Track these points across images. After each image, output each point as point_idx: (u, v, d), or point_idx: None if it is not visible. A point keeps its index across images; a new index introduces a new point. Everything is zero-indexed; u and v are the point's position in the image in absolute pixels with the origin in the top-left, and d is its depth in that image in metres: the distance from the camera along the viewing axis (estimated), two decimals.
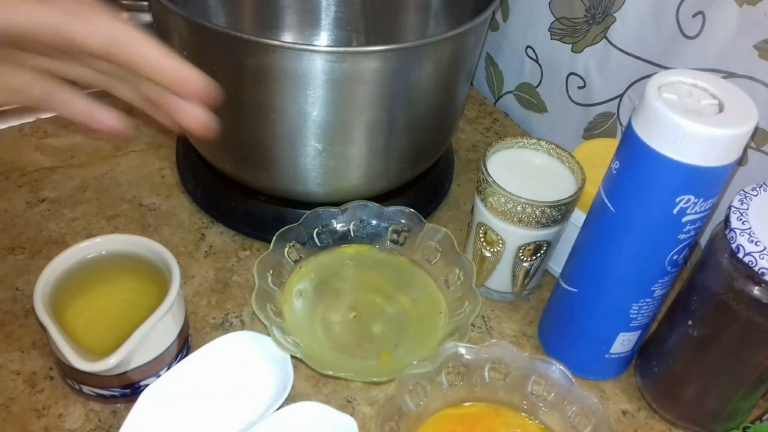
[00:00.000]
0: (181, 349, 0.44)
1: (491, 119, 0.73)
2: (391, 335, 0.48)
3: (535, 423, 0.43)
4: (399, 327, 0.48)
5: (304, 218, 0.50)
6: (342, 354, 0.46)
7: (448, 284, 0.50)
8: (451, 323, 0.47)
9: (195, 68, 0.35)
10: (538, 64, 0.68)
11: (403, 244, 0.52)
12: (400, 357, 0.46)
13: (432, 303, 0.50)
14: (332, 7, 0.68)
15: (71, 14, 0.33)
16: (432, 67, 0.48)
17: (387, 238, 0.53)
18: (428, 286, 0.51)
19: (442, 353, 0.43)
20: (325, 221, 0.52)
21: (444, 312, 0.49)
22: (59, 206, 0.56)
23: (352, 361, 0.46)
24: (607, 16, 0.58)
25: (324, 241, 0.52)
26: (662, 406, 0.46)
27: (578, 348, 0.47)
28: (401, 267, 0.52)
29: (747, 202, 0.39)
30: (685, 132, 0.34)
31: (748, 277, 0.37)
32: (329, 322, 0.48)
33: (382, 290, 0.51)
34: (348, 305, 0.49)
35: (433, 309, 0.49)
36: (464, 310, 0.47)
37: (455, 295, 0.49)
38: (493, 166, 0.48)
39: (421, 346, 0.46)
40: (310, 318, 0.48)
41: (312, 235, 0.51)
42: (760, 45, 0.47)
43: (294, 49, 0.44)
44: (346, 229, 0.52)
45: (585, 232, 0.44)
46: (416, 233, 0.52)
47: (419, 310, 0.49)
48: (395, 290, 0.51)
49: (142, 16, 0.80)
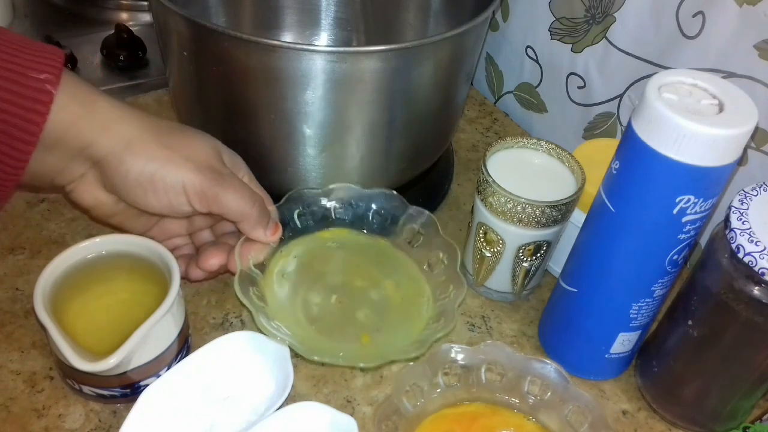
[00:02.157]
0: (181, 349, 0.44)
1: (491, 119, 0.73)
2: (374, 319, 0.47)
3: (532, 422, 0.43)
4: (382, 311, 0.48)
5: (284, 199, 0.50)
6: (324, 337, 0.46)
7: (432, 268, 0.49)
8: (436, 308, 0.47)
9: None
10: (538, 64, 0.68)
11: (386, 227, 0.52)
12: (382, 340, 0.46)
13: (415, 287, 0.49)
14: (332, 7, 0.68)
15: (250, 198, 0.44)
16: (432, 67, 0.48)
17: (369, 220, 0.52)
18: (411, 269, 0.50)
19: (438, 354, 0.43)
20: (307, 202, 0.51)
21: (427, 296, 0.48)
22: (59, 206, 0.56)
23: (335, 344, 0.45)
24: (607, 16, 0.58)
25: (305, 223, 0.51)
26: (662, 406, 0.46)
27: (578, 348, 0.47)
28: (383, 250, 0.51)
29: (747, 202, 0.39)
30: (685, 132, 0.34)
31: (748, 277, 0.37)
32: (310, 305, 0.47)
33: (364, 273, 0.50)
34: (330, 288, 0.49)
35: (416, 293, 0.49)
36: (449, 295, 0.46)
37: (439, 279, 0.48)
38: (493, 166, 0.48)
39: (403, 330, 0.46)
40: (291, 301, 0.47)
41: (293, 216, 0.50)
42: (760, 45, 0.47)
43: (294, 49, 0.44)
44: (327, 211, 0.51)
45: (585, 232, 0.44)
46: (399, 216, 0.51)
47: (402, 294, 0.49)
48: (378, 274, 0.50)
49: (142, 16, 0.80)
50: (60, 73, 0.37)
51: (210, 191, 0.42)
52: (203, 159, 0.43)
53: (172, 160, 0.41)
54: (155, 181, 0.41)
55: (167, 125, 0.43)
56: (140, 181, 0.41)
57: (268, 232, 0.46)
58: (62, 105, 0.37)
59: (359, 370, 0.47)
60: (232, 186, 0.43)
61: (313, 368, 0.47)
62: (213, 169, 0.43)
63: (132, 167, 0.40)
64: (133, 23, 0.76)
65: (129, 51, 0.72)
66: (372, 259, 0.51)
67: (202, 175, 0.42)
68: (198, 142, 0.44)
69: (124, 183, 0.41)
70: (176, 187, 0.41)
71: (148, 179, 0.41)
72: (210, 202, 0.42)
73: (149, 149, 0.41)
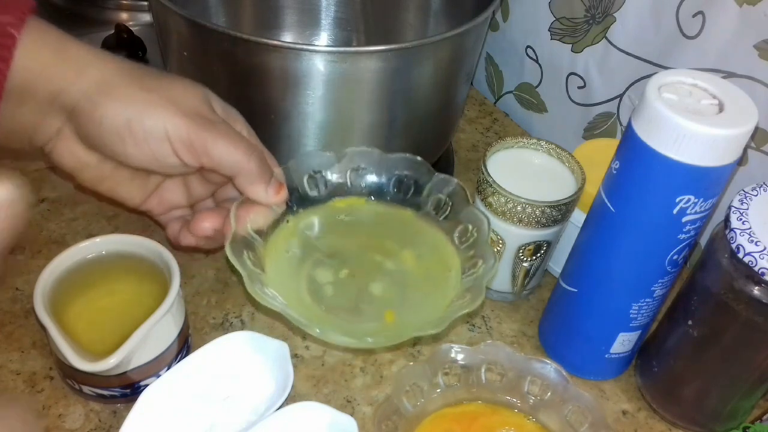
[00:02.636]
0: (181, 349, 0.44)
1: (491, 119, 0.73)
2: (394, 296, 0.42)
3: (532, 422, 0.43)
4: (402, 286, 0.42)
5: (293, 160, 0.44)
6: (335, 318, 0.40)
7: (460, 241, 0.44)
8: (464, 284, 0.41)
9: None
10: (538, 64, 0.68)
11: (408, 197, 0.46)
12: (406, 318, 0.40)
13: (441, 259, 0.43)
14: (332, 7, 0.68)
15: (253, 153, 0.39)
16: (432, 67, 0.48)
17: (390, 189, 0.46)
18: (437, 240, 0.44)
19: (438, 354, 0.43)
20: (318, 166, 0.45)
21: (455, 269, 0.42)
22: (59, 206, 0.56)
23: (347, 325, 0.40)
24: (607, 16, 0.58)
25: (315, 190, 0.45)
26: (662, 406, 0.46)
27: (578, 348, 0.47)
28: (404, 220, 0.45)
29: (747, 202, 0.39)
30: (685, 132, 0.34)
31: (748, 277, 0.37)
32: (319, 284, 0.42)
33: (381, 246, 0.44)
34: (341, 265, 0.43)
35: (442, 266, 0.43)
36: (478, 270, 0.41)
37: (467, 253, 0.43)
38: (493, 166, 0.48)
39: (428, 306, 0.41)
40: (295, 279, 0.42)
41: (302, 181, 0.44)
42: (760, 45, 0.47)
43: (294, 49, 0.44)
44: (341, 179, 0.45)
45: (585, 232, 0.44)
46: (423, 184, 0.46)
47: (426, 266, 0.43)
48: (396, 246, 0.44)
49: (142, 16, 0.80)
50: (25, 17, 0.34)
51: (198, 140, 0.37)
52: (189, 104, 0.38)
53: (152, 103, 0.36)
54: (133, 127, 0.36)
55: (148, 69, 0.39)
56: (117, 128, 0.36)
57: (270, 191, 0.40)
58: (29, 51, 0.34)
59: (360, 371, 0.47)
60: (224, 134, 0.38)
61: (313, 368, 0.47)
62: (200, 114, 0.38)
63: (107, 112, 0.36)
64: (133, 23, 0.76)
65: (129, 51, 0.72)
66: (392, 231, 0.45)
67: (187, 120, 0.37)
68: (183, 87, 0.39)
69: (99, 131, 0.36)
70: (158, 134, 0.36)
71: (124, 125, 0.36)
72: (199, 153, 0.38)
73: (126, 92, 0.36)
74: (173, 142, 0.37)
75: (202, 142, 0.37)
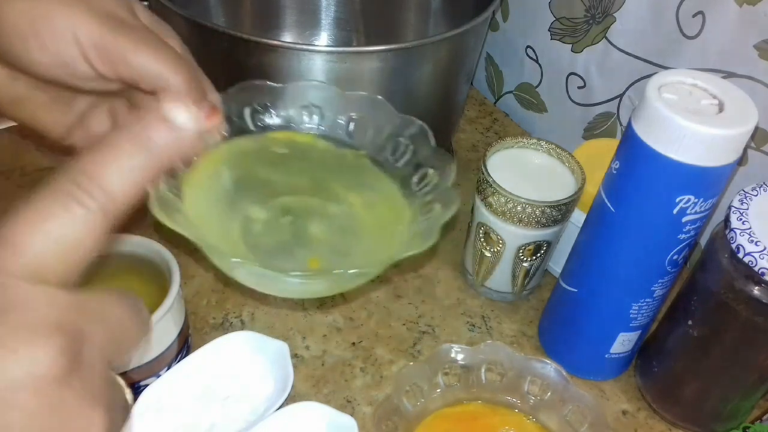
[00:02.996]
0: (181, 349, 0.44)
1: (491, 119, 0.73)
2: (332, 237, 0.37)
3: (532, 421, 0.43)
4: (345, 233, 0.37)
5: (233, 89, 0.39)
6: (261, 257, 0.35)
7: (418, 186, 0.39)
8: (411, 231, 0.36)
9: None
10: (538, 64, 0.68)
11: (364, 139, 0.40)
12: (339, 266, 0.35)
13: (392, 209, 0.38)
14: (332, 7, 0.68)
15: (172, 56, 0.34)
16: (432, 67, 0.48)
17: (343, 129, 0.41)
18: (391, 188, 0.39)
19: (438, 354, 0.43)
20: (263, 98, 0.40)
21: (406, 222, 0.37)
22: None
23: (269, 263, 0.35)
24: (607, 16, 0.58)
25: (256, 124, 0.40)
26: (662, 406, 0.46)
27: (578, 348, 0.47)
28: (357, 163, 0.40)
29: (747, 202, 0.39)
30: (685, 132, 0.34)
31: (748, 277, 0.37)
32: (250, 221, 0.36)
33: (326, 187, 0.39)
34: (276, 201, 0.38)
35: (392, 217, 0.38)
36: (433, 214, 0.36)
37: (424, 198, 0.38)
38: (493, 166, 0.48)
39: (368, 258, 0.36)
40: (221, 213, 0.37)
41: (242, 113, 0.39)
42: (760, 45, 0.47)
43: (294, 49, 0.44)
44: (290, 115, 0.40)
45: (585, 232, 0.44)
46: (382, 126, 0.40)
47: (376, 215, 0.38)
48: (344, 189, 0.39)
49: None
50: None
51: (113, 44, 0.32)
52: (104, 5, 0.33)
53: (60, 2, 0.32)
54: (38, 28, 0.32)
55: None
56: (19, 28, 0.32)
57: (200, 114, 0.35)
58: None
59: (360, 371, 0.47)
60: (145, 41, 0.33)
61: (313, 368, 0.47)
62: (117, 17, 0.33)
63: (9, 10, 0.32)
64: None
65: None
66: (341, 173, 0.40)
67: (100, 21, 0.32)
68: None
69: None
70: (65, 35, 0.32)
71: (28, 24, 0.32)
72: (115, 61, 0.33)
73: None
74: (83, 46, 0.32)
75: (119, 48, 0.32)
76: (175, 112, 0.30)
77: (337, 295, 0.52)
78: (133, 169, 0.24)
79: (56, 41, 0.32)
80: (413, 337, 0.50)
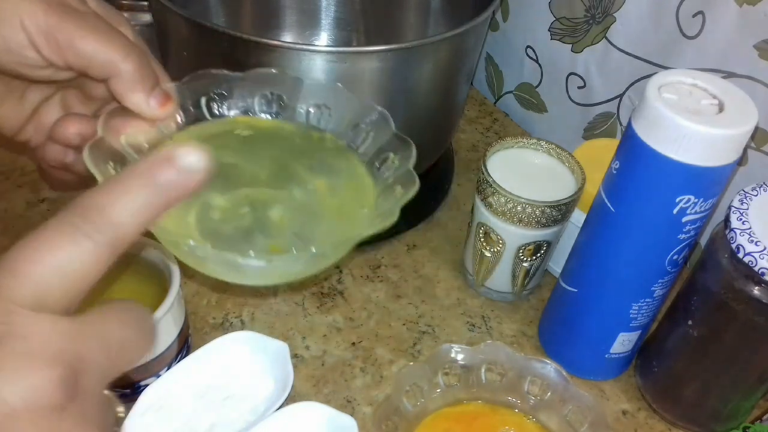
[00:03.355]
0: (181, 349, 0.44)
1: (491, 119, 0.73)
2: (292, 222, 0.36)
3: (532, 421, 0.43)
4: (307, 218, 0.36)
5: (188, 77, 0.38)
6: (218, 244, 0.33)
7: (380, 170, 0.39)
8: (375, 212, 0.36)
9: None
10: (538, 64, 0.68)
11: (323, 125, 0.40)
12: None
13: (356, 194, 0.38)
14: (332, 7, 0.68)
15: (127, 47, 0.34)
16: (432, 67, 0.48)
17: (304, 118, 0.40)
18: (355, 172, 0.39)
19: (438, 354, 0.43)
20: (220, 87, 0.39)
21: (369, 207, 0.37)
22: (59, 206, 0.56)
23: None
24: (607, 16, 0.58)
25: (213, 113, 0.39)
26: (662, 406, 0.46)
27: (578, 348, 0.47)
28: (321, 146, 0.40)
29: (747, 202, 0.39)
30: (685, 132, 0.34)
31: (748, 277, 0.37)
32: (209, 207, 0.35)
33: (289, 171, 0.38)
34: (236, 185, 0.36)
35: (356, 202, 0.38)
36: (394, 196, 0.36)
37: (386, 182, 0.38)
38: (493, 166, 0.48)
39: (331, 245, 0.35)
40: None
41: (199, 102, 0.38)
42: (760, 45, 0.47)
43: (294, 49, 0.44)
44: (248, 104, 0.40)
45: (585, 232, 0.44)
46: (343, 113, 0.40)
47: (340, 199, 0.38)
48: (308, 172, 0.38)
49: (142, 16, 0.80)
50: None
51: (61, 31, 0.32)
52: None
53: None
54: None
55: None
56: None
57: (152, 102, 0.34)
58: None
59: (360, 371, 0.47)
60: (94, 27, 0.33)
61: (313, 368, 0.47)
62: (65, 3, 0.33)
63: None
64: (133, 23, 0.76)
65: None
66: (304, 156, 0.39)
67: (47, 7, 0.32)
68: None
69: None
70: (12, 21, 0.32)
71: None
72: (63, 48, 0.32)
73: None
74: (30, 33, 0.32)
75: (66, 34, 0.32)
76: (132, 104, 0.33)
77: (338, 295, 0.52)
78: (141, 205, 0.24)
79: (3, 27, 0.32)
80: (413, 337, 0.50)
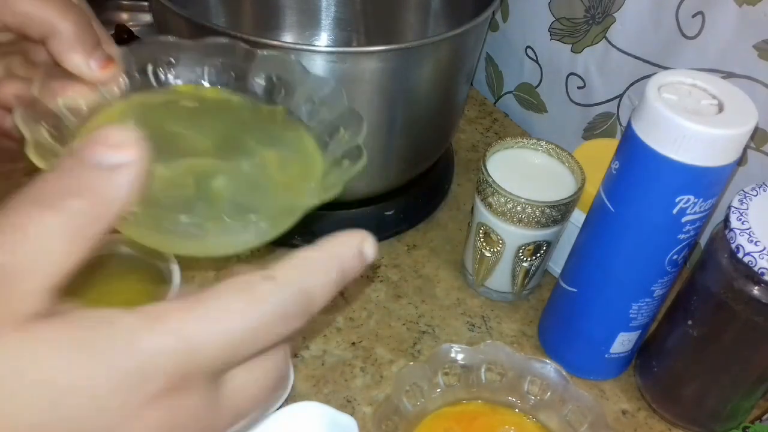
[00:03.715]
0: None
1: (491, 119, 0.73)
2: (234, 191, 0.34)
3: (532, 421, 0.43)
4: (253, 189, 0.35)
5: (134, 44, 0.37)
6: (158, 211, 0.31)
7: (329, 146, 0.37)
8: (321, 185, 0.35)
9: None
10: (537, 64, 0.68)
11: (275, 97, 0.39)
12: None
13: (305, 168, 0.36)
14: (332, 8, 0.68)
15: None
16: (432, 67, 0.48)
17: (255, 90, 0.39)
18: (305, 146, 0.37)
19: (438, 354, 0.43)
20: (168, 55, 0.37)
21: (316, 181, 0.35)
22: None
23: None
24: (607, 16, 0.58)
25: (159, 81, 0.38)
26: (662, 406, 0.46)
27: (578, 348, 0.47)
28: (272, 118, 0.38)
29: (747, 202, 0.39)
30: (685, 132, 0.34)
31: (748, 277, 0.37)
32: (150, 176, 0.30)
33: (237, 142, 0.37)
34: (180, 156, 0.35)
35: (304, 175, 0.36)
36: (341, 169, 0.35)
37: (335, 155, 0.36)
38: (493, 166, 0.48)
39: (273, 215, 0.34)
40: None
41: (145, 69, 0.37)
42: (760, 45, 0.47)
43: (294, 49, 0.44)
44: (197, 74, 0.38)
45: (585, 232, 0.44)
46: (295, 85, 0.39)
47: (288, 173, 0.36)
48: (257, 144, 0.36)
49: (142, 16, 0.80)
50: None
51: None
52: None
53: None
54: None
55: None
56: None
57: (92, 64, 0.33)
58: None
59: (360, 371, 0.47)
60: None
61: (313, 368, 0.47)
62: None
63: None
64: (133, 23, 0.76)
65: None
66: (253, 128, 0.38)
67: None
68: None
69: None
70: None
71: None
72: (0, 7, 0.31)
73: None
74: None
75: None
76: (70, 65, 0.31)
77: (337, 295, 0.52)
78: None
79: None
80: (413, 337, 0.50)
